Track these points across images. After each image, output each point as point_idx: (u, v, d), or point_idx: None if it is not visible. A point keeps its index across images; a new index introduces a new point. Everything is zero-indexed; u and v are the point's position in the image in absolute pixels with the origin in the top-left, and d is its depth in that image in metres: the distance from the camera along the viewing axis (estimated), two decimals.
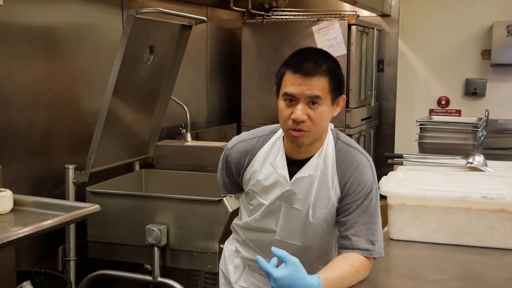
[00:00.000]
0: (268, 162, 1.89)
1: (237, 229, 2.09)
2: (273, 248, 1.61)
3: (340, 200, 1.86)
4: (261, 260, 1.60)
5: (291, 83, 1.75)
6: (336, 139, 1.89)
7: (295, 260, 1.60)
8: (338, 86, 1.78)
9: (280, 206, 1.90)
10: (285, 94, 1.77)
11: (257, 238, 2.01)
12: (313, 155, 1.85)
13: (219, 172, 2.08)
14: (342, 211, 1.85)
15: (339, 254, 1.83)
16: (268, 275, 1.58)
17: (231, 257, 2.14)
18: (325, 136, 1.86)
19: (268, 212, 1.93)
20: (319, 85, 1.73)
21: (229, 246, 2.17)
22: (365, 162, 1.85)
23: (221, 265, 2.21)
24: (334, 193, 1.85)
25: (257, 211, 1.95)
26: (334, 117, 1.89)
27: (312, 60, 1.75)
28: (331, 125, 1.92)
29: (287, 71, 1.77)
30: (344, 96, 1.83)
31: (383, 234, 1.90)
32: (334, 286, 1.68)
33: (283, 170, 1.86)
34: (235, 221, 2.11)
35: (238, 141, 1.99)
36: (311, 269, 1.92)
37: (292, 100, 1.75)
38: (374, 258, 1.83)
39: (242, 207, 2.06)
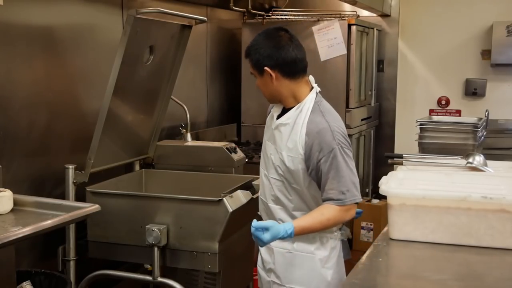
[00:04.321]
0: (276, 106, 2.40)
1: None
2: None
3: (307, 159, 2.21)
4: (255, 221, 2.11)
5: None
6: (317, 104, 2.27)
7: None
8: (257, 64, 2.27)
9: (265, 148, 2.38)
10: None
11: (259, 204, 2.46)
12: (292, 107, 2.29)
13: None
14: (316, 171, 2.20)
15: None
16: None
17: None
18: (298, 97, 2.29)
19: (263, 153, 2.42)
20: (249, 64, 2.33)
21: None
22: (326, 127, 2.21)
23: None
24: (300, 139, 2.22)
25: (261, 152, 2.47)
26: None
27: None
28: (317, 88, 2.33)
29: None
30: (266, 68, 2.24)
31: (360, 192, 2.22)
32: (304, 229, 2.15)
33: (275, 112, 2.38)
34: None
35: None
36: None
37: None
38: (357, 203, 2.20)
39: None
